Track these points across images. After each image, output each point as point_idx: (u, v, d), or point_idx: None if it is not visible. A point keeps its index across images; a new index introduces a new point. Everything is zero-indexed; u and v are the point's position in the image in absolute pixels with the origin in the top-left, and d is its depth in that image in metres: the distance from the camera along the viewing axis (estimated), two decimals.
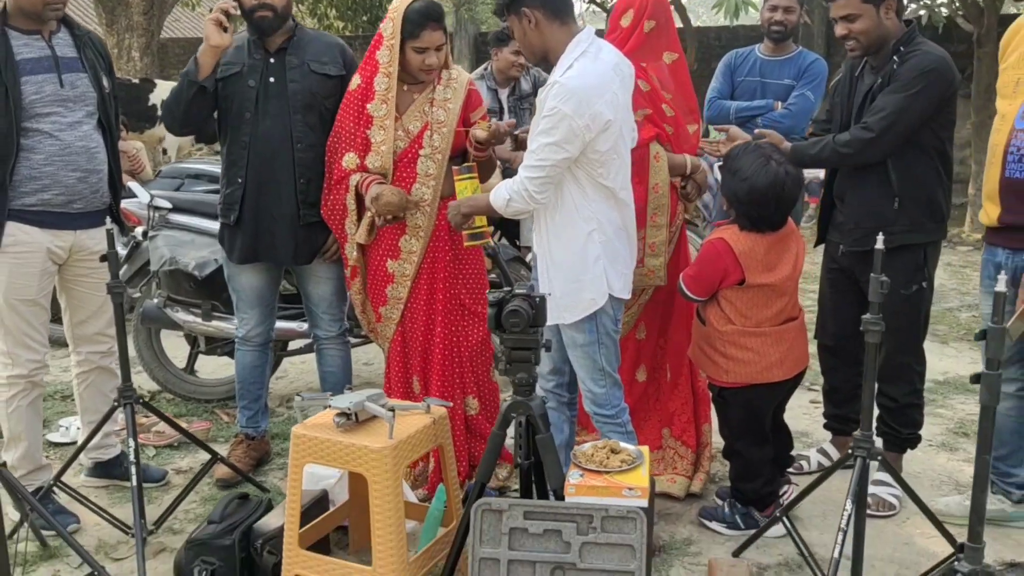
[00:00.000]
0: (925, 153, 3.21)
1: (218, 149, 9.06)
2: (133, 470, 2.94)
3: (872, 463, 2.67)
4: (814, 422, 4.23)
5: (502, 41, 5.24)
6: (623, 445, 2.76)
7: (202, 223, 4.29)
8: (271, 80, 3.37)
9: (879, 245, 2.46)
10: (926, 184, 3.23)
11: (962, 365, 5.12)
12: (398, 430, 2.64)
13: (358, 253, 3.40)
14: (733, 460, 3.24)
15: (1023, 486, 3.28)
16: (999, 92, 3.09)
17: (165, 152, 9.75)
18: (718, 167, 3.38)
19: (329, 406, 2.71)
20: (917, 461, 3.78)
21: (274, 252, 3.46)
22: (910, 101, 3.09)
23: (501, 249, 4.75)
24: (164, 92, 9.65)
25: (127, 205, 4.57)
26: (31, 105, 3.05)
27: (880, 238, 2.48)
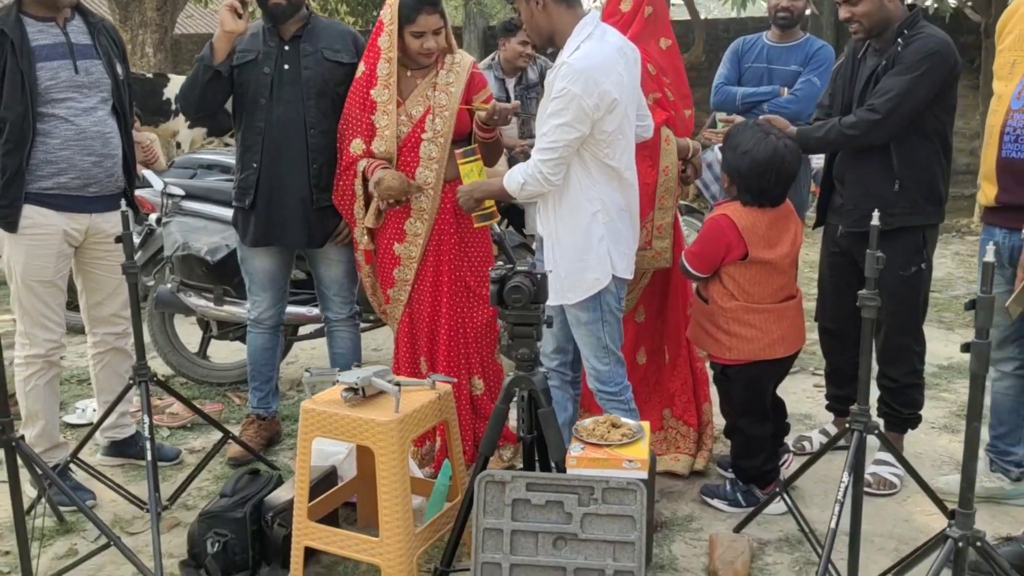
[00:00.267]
0: (927, 137, 3.25)
1: (228, 142, 9.11)
2: (148, 446, 3.01)
3: (873, 444, 2.71)
4: (817, 405, 4.27)
5: (509, 31, 5.30)
6: (624, 420, 2.82)
7: (214, 210, 4.37)
8: (285, 67, 3.44)
9: (875, 222, 2.50)
10: (927, 167, 3.27)
11: None
12: (404, 405, 2.71)
13: (368, 237, 3.47)
14: (735, 438, 3.29)
15: (1021, 464, 3.32)
16: (996, 74, 3.12)
17: (179, 146, 9.84)
18: (718, 148, 3.43)
19: (337, 381, 2.78)
20: (919, 442, 3.83)
21: (288, 236, 3.54)
22: (915, 83, 3.12)
23: (507, 235, 4.81)
24: (178, 87, 9.71)
25: (141, 193, 4.66)
26: (47, 91, 3.13)
27: (876, 214, 2.53)
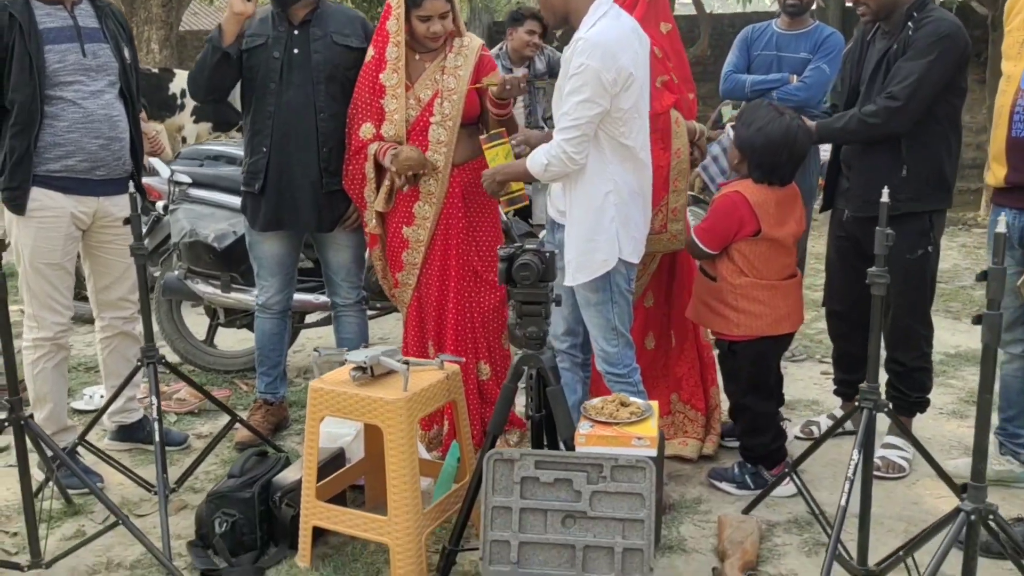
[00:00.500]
0: (937, 121, 3.23)
1: (233, 136, 9.08)
2: (156, 427, 3.01)
3: (881, 430, 2.70)
4: (824, 391, 4.27)
5: (517, 20, 5.31)
6: (632, 399, 2.81)
7: (222, 197, 4.37)
8: (295, 51, 3.44)
9: (884, 199, 2.49)
10: (935, 153, 3.25)
11: (974, 340, 5.05)
12: (412, 384, 2.71)
13: (377, 221, 3.46)
14: (742, 416, 3.28)
15: None
16: (1004, 54, 3.11)
17: (184, 140, 9.84)
18: (724, 139, 3.42)
19: (346, 361, 2.78)
20: (928, 427, 3.81)
21: (297, 220, 3.53)
22: (930, 67, 3.11)
23: (514, 224, 4.80)
24: (183, 82, 9.73)
25: (148, 181, 4.66)
26: (54, 73, 3.13)
27: (885, 191, 2.52)
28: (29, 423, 2.70)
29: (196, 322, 4.88)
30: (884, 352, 3.36)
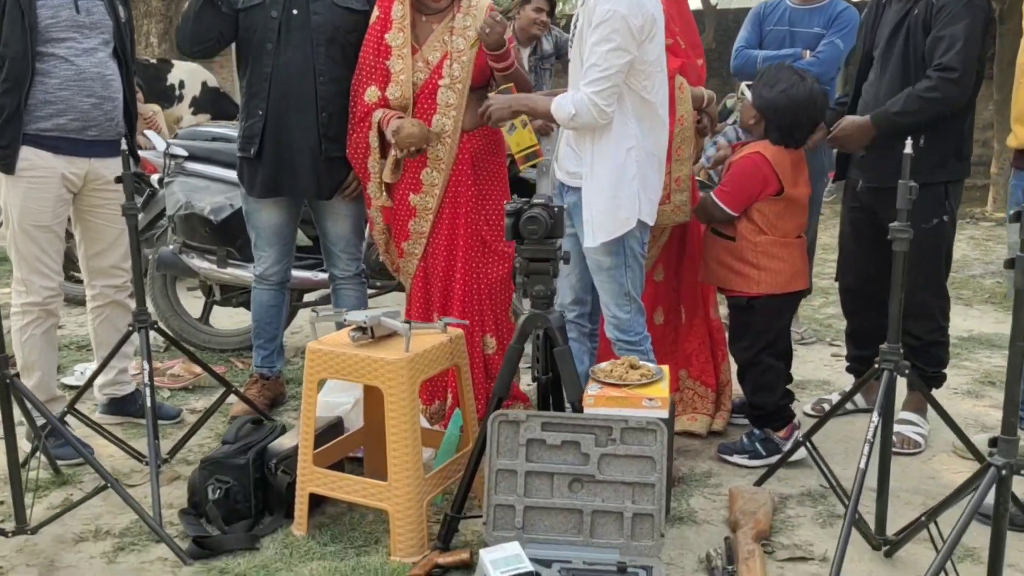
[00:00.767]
0: None
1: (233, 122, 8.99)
2: (147, 393, 2.91)
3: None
4: (835, 372, 4.20)
5: None
6: (642, 362, 2.72)
7: (218, 171, 4.27)
8: (294, 12, 3.33)
9: (907, 150, 2.40)
10: (953, 122, 3.17)
11: (986, 324, 5.07)
12: (414, 345, 2.61)
13: (386, 193, 3.35)
14: (753, 372, 3.21)
15: None
16: None
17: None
18: (745, 88, 3.33)
19: (345, 321, 2.67)
20: (943, 405, 3.70)
21: (295, 185, 3.43)
22: (970, 29, 3.03)
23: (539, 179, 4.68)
24: (181, 72, 9.67)
25: (144, 155, 4.57)
26: (47, 29, 3.04)
27: (908, 142, 2.42)
28: (15, 382, 2.59)
29: (191, 304, 4.78)
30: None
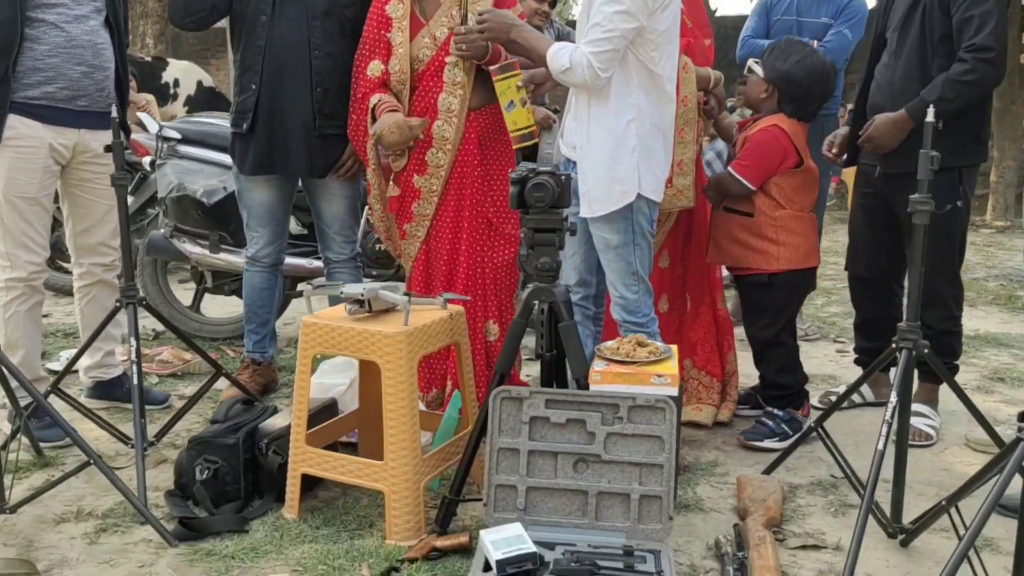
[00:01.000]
0: None
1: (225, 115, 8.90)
2: (134, 369, 2.80)
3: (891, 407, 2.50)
4: (840, 367, 4.14)
5: None
6: (650, 340, 2.62)
7: (211, 154, 4.17)
8: None
9: (930, 117, 2.32)
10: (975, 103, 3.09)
11: (992, 324, 5.03)
12: (413, 321, 2.50)
13: (393, 182, 3.23)
14: (777, 352, 3.19)
15: None
16: None
17: None
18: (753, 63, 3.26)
19: (341, 294, 2.56)
20: (953, 401, 3.55)
21: (288, 162, 3.32)
22: (997, 6, 2.97)
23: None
24: (176, 71, 9.59)
25: (136, 137, 4.47)
26: None
27: (931, 110, 2.34)
28: None
29: (182, 296, 4.67)
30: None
